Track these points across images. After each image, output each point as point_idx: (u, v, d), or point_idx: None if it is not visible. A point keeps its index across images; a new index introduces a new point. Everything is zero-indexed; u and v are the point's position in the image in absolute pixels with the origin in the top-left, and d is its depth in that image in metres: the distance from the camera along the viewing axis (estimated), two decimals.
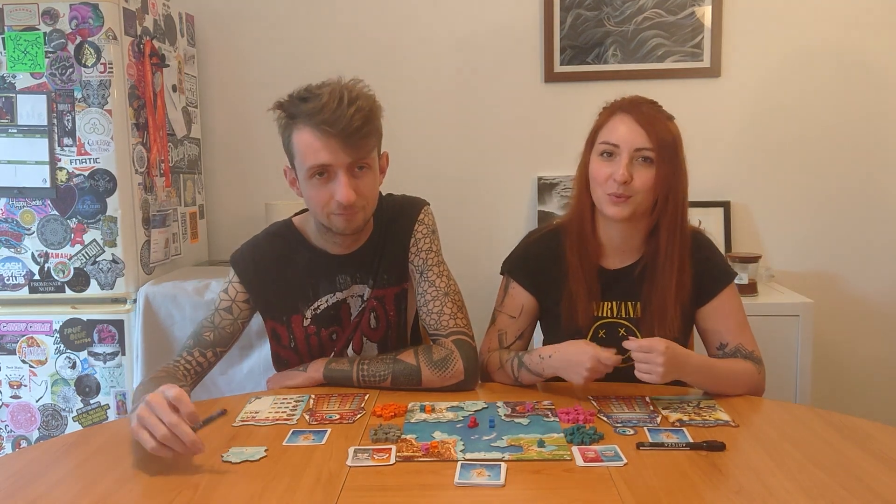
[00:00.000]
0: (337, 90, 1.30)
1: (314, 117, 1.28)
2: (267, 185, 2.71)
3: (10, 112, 2.07)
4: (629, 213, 1.37)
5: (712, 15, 2.53)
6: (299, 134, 1.32)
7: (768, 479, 1.00)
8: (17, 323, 2.13)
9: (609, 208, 1.38)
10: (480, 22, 2.61)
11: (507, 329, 1.51)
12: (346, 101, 1.28)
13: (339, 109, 1.27)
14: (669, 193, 1.39)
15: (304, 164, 1.33)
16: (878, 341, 2.62)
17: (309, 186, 1.35)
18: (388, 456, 1.09)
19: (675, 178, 1.38)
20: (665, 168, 1.36)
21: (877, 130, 2.56)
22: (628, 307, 1.46)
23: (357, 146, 1.30)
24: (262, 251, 1.49)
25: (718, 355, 1.44)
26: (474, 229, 2.67)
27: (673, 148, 1.38)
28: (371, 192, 1.38)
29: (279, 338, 1.51)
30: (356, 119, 1.28)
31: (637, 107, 1.39)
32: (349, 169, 1.32)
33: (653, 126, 1.36)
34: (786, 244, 2.62)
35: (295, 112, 1.32)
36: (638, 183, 1.35)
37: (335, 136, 1.28)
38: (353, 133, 1.28)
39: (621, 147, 1.36)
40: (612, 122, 1.40)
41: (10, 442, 2.17)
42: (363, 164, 1.34)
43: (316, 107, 1.28)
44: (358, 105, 1.29)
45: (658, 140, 1.35)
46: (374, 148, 1.37)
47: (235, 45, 2.69)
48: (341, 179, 1.31)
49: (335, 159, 1.30)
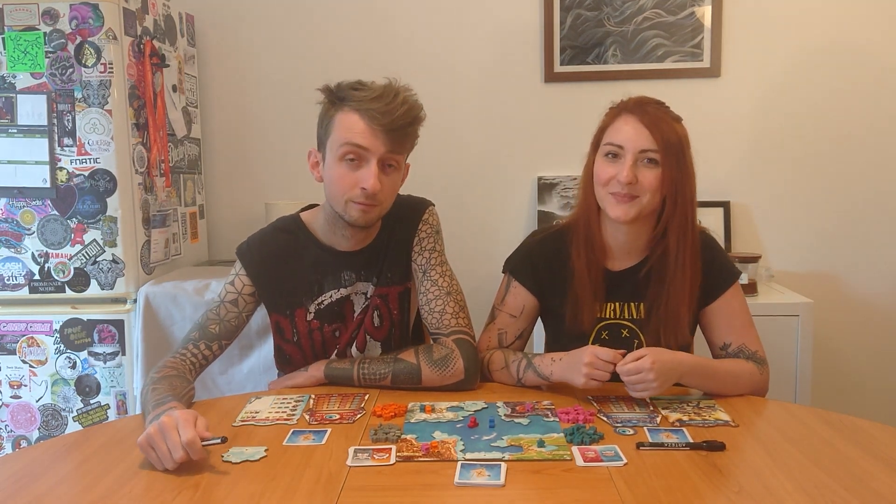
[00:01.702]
0: (391, 88, 1.36)
1: (365, 102, 1.33)
2: (267, 185, 2.71)
3: (10, 112, 2.07)
4: (635, 214, 1.36)
5: (712, 15, 2.53)
6: (345, 115, 1.35)
7: (768, 479, 1.00)
8: (17, 323, 2.13)
9: (614, 209, 1.37)
10: (480, 22, 2.62)
11: (507, 328, 1.51)
12: (400, 98, 1.34)
13: (391, 103, 1.33)
14: (677, 195, 1.37)
15: (340, 140, 1.35)
16: (878, 341, 2.62)
17: (337, 167, 1.37)
18: (388, 456, 1.09)
19: (681, 180, 1.37)
20: (670, 169, 1.35)
21: (877, 130, 2.56)
22: (631, 308, 1.46)
23: (396, 140, 1.35)
24: (268, 245, 1.50)
25: (721, 355, 1.44)
26: (474, 229, 2.67)
27: (679, 149, 1.36)
28: (391, 192, 1.42)
29: (282, 331, 1.51)
30: (404, 116, 1.34)
31: (642, 107, 1.38)
32: (381, 161, 1.35)
33: (658, 127, 1.35)
34: (786, 244, 2.62)
35: (345, 96, 1.36)
36: (643, 184, 1.35)
37: (380, 125, 1.32)
38: (397, 128, 1.33)
39: (626, 148, 1.36)
40: (618, 122, 1.39)
41: (10, 442, 2.17)
42: (393, 162, 1.38)
43: (368, 95, 1.34)
44: (408, 106, 1.35)
45: (663, 141, 1.34)
46: (407, 150, 1.41)
47: (235, 45, 2.69)
48: (372, 168, 1.34)
49: (373, 146, 1.33)
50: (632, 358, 1.26)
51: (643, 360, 1.24)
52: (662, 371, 1.25)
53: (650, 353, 1.25)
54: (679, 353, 1.33)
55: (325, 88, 1.39)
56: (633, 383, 1.26)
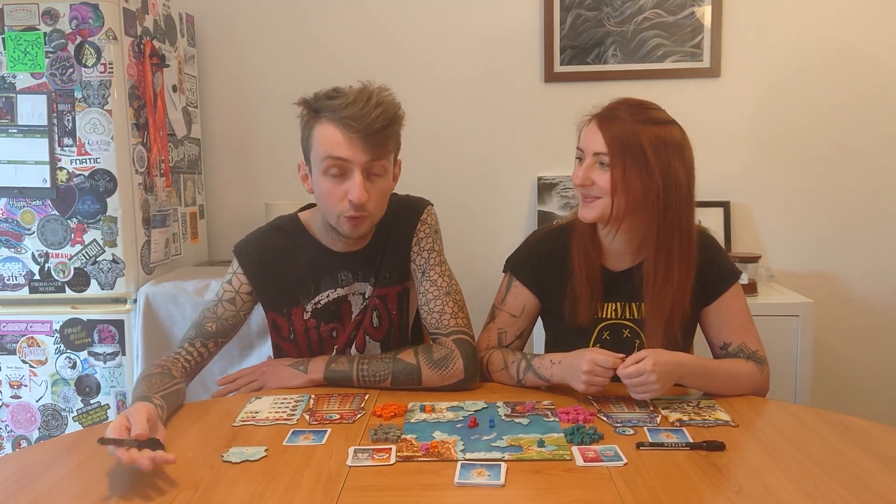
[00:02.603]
0: (365, 91, 1.34)
1: (339, 112, 1.31)
2: (267, 185, 2.71)
3: (10, 112, 2.07)
4: (595, 216, 1.38)
5: (712, 15, 2.53)
6: (322, 127, 1.34)
7: (768, 479, 1.00)
8: (17, 323, 2.13)
9: (580, 210, 1.42)
10: (480, 22, 2.62)
11: (507, 328, 1.51)
12: (373, 101, 1.32)
13: (365, 107, 1.30)
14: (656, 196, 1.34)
15: (321, 155, 1.34)
16: (878, 341, 2.62)
17: (323, 182, 1.36)
18: (388, 456, 1.09)
19: (643, 181, 1.34)
20: (619, 171, 1.33)
21: (877, 130, 2.56)
22: (632, 308, 1.46)
23: (376, 145, 1.33)
24: (266, 243, 1.51)
25: (722, 355, 1.44)
26: (474, 229, 2.67)
27: (635, 151, 1.33)
28: (381, 200, 1.40)
29: (279, 329, 1.51)
30: (379, 119, 1.31)
31: (609, 111, 1.39)
32: (365, 169, 1.34)
33: (609, 130, 1.35)
34: (786, 244, 2.62)
35: (320, 107, 1.35)
36: (599, 185, 1.37)
37: (357, 133, 1.30)
38: (374, 132, 1.31)
39: (585, 151, 1.40)
40: (586, 127, 1.42)
41: (10, 442, 2.17)
42: (378, 169, 1.36)
43: (342, 103, 1.32)
44: (383, 107, 1.32)
45: (611, 143, 1.34)
46: (391, 153, 1.39)
47: (235, 45, 2.69)
48: (356, 179, 1.33)
49: (353, 156, 1.32)
50: (632, 361, 1.26)
51: (644, 363, 1.24)
52: (663, 372, 1.25)
53: (651, 355, 1.25)
54: (679, 353, 1.32)
55: (303, 101, 1.38)
56: (634, 386, 1.26)
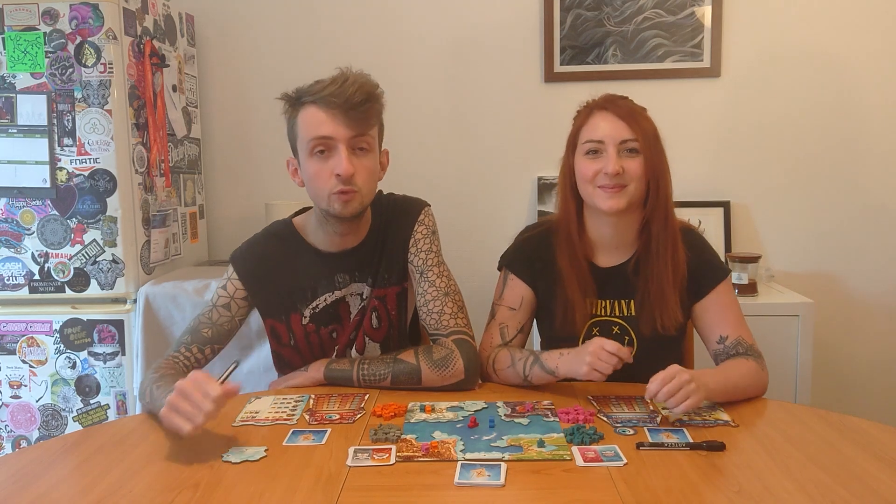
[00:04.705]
0: (342, 74, 1.38)
1: (319, 94, 1.35)
2: (267, 185, 2.71)
3: (10, 112, 2.07)
4: (625, 204, 1.39)
5: (712, 15, 2.53)
6: (305, 111, 1.38)
7: (768, 479, 1.00)
8: (17, 323, 2.13)
9: (604, 202, 1.40)
10: (480, 22, 2.61)
11: (508, 322, 1.51)
12: (349, 80, 1.36)
13: (343, 86, 1.35)
14: (659, 182, 1.41)
15: (306, 137, 1.37)
16: (878, 341, 2.62)
17: (310, 165, 1.38)
18: (388, 456, 1.09)
19: (661, 166, 1.42)
20: (651, 156, 1.40)
21: (877, 130, 2.56)
22: (622, 305, 1.47)
23: (357, 120, 1.35)
24: (261, 250, 1.51)
25: (719, 349, 1.44)
26: (474, 229, 2.67)
27: (655, 137, 1.42)
28: (370, 175, 1.41)
29: (279, 336, 1.51)
30: (357, 94, 1.34)
31: (613, 102, 1.44)
32: (349, 144, 1.36)
33: (633, 117, 1.41)
34: (786, 244, 2.62)
35: (300, 94, 1.39)
36: (629, 172, 1.38)
37: (338, 108, 1.34)
38: (354, 106, 1.34)
39: (606, 142, 1.40)
40: (593, 120, 1.43)
41: (10, 442, 2.17)
42: (363, 144, 1.38)
43: (321, 86, 1.36)
44: (360, 84, 1.36)
45: (641, 130, 1.40)
46: (374, 127, 1.41)
47: (235, 45, 2.69)
48: (342, 153, 1.35)
49: (336, 132, 1.34)
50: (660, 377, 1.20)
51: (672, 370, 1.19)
52: (699, 384, 1.20)
53: (680, 369, 1.20)
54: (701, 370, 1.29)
55: (284, 95, 1.42)
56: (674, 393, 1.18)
